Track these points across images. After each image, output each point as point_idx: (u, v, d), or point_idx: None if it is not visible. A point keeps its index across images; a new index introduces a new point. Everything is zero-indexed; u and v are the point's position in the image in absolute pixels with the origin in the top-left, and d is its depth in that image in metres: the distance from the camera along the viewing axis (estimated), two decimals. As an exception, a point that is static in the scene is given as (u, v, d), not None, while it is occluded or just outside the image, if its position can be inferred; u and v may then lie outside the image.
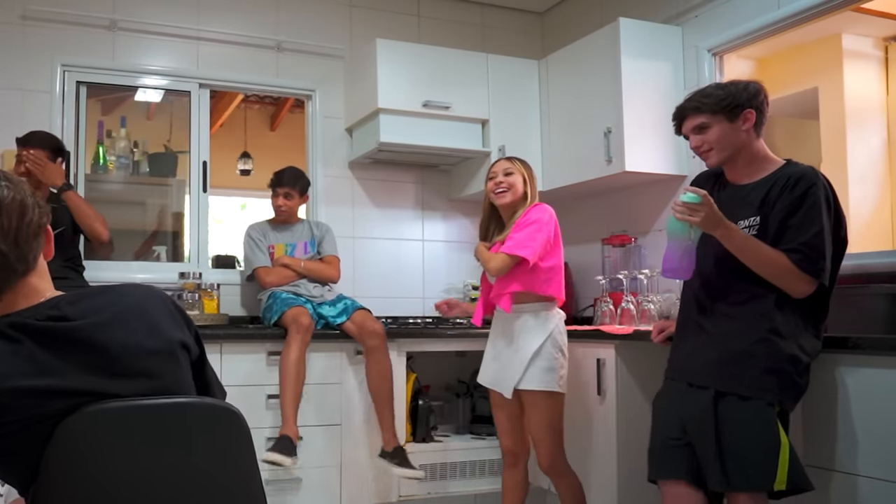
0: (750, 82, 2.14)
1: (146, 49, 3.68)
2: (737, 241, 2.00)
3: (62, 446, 1.11)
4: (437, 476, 3.36)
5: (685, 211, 2.00)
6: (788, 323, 2.00)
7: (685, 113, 2.18)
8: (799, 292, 1.99)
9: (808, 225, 1.96)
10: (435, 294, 4.13)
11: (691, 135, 2.18)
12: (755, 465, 1.94)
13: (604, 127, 3.39)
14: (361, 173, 4.05)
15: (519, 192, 2.72)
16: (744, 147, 2.12)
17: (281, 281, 3.41)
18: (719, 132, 2.11)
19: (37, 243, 1.22)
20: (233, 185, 6.26)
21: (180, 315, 1.34)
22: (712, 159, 2.15)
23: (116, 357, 1.17)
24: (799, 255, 1.95)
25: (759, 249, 1.99)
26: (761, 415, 1.95)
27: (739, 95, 2.09)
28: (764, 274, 1.99)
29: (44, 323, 1.15)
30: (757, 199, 2.06)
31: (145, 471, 1.16)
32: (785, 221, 1.99)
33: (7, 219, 1.17)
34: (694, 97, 2.17)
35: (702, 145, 2.15)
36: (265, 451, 2.86)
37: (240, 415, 1.25)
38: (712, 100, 2.11)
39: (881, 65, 4.00)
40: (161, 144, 4.05)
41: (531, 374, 2.63)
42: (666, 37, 3.47)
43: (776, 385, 1.97)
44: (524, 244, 2.60)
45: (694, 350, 2.13)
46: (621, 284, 3.39)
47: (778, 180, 2.05)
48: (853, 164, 3.91)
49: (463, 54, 3.83)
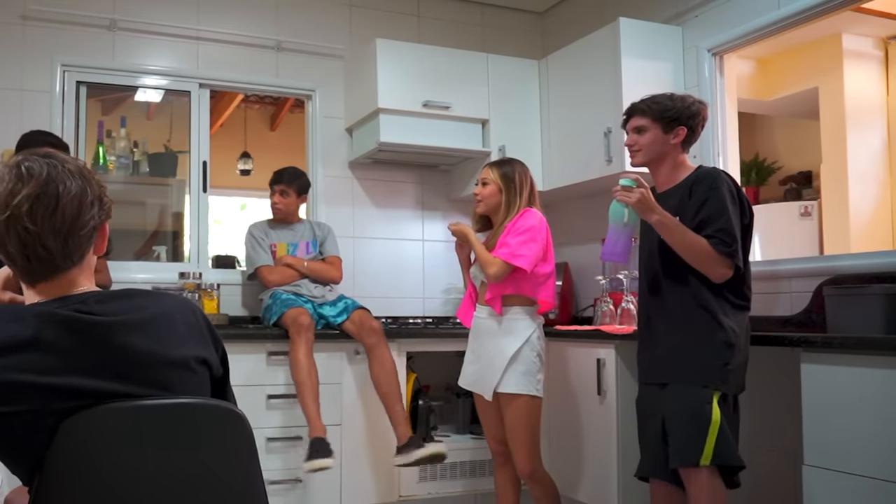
0: (695, 102, 2.38)
1: (146, 49, 3.68)
2: (669, 225, 2.22)
3: (67, 442, 1.11)
4: (437, 476, 3.36)
5: (623, 192, 2.25)
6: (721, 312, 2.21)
7: (634, 111, 2.41)
8: (718, 275, 2.20)
9: (717, 215, 2.20)
10: (435, 294, 4.14)
11: (630, 132, 2.42)
12: (686, 441, 2.18)
13: (604, 127, 3.39)
14: (361, 173, 4.05)
15: (491, 203, 2.78)
16: (667, 156, 2.37)
17: (283, 280, 3.41)
18: (652, 138, 2.36)
19: (87, 243, 1.22)
20: (233, 185, 6.26)
21: (209, 332, 1.33)
22: (636, 159, 2.41)
23: (130, 361, 1.17)
24: (715, 240, 2.18)
25: (686, 234, 2.21)
26: (696, 397, 2.19)
27: (681, 112, 2.33)
28: (690, 259, 2.21)
29: (67, 313, 1.15)
30: (674, 202, 2.30)
31: (148, 470, 1.16)
32: (697, 215, 2.23)
33: (61, 217, 1.17)
34: (646, 100, 2.39)
35: (633, 145, 2.40)
36: (304, 462, 2.88)
37: (243, 416, 1.25)
38: (658, 108, 2.35)
39: (881, 65, 4.01)
40: (161, 144, 4.05)
41: (509, 378, 2.66)
42: (666, 37, 3.47)
43: (712, 371, 2.19)
44: (520, 252, 2.63)
45: (647, 350, 2.41)
46: (621, 284, 3.40)
47: (688, 183, 2.31)
48: (853, 164, 3.91)
49: (463, 54, 3.83)
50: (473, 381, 2.81)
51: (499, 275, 2.66)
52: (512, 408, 2.68)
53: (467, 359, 2.85)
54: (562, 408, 3.19)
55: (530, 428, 2.69)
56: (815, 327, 2.67)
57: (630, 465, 2.81)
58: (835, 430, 2.11)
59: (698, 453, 2.14)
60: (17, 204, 1.15)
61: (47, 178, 1.17)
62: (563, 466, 3.15)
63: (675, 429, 2.22)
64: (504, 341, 2.69)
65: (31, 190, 1.16)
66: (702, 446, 2.14)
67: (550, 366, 3.03)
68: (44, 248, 1.17)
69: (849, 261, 2.80)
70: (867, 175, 3.92)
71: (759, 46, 3.41)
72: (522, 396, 2.66)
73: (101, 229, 1.25)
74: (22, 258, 1.18)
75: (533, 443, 2.70)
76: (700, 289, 2.23)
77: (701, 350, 2.21)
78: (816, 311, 2.69)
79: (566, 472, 3.12)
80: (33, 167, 1.18)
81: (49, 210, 1.16)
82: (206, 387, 1.28)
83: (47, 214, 1.16)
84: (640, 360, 2.47)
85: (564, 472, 3.11)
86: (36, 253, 1.17)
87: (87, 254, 1.23)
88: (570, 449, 3.14)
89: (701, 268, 2.21)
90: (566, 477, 3.10)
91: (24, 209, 1.15)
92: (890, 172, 3.97)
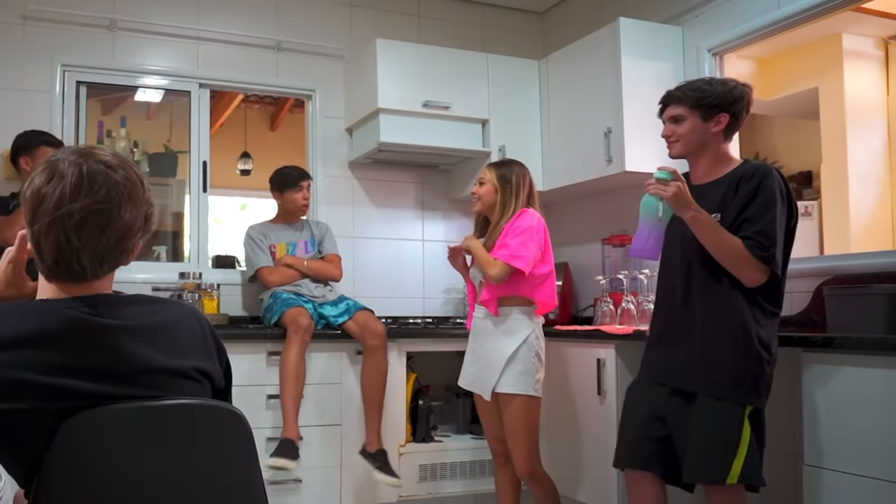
0: (737, 86, 2.20)
1: (146, 49, 3.68)
2: (704, 223, 2.08)
3: (66, 443, 1.11)
4: (437, 476, 3.36)
5: (658, 185, 2.10)
6: (753, 320, 2.09)
7: (669, 100, 2.27)
8: (751, 280, 2.07)
9: (761, 215, 2.06)
10: (435, 294, 4.14)
11: (667, 122, 2.27)
12: (713, 460, 2.05)
13: (604, 127, 3.39)
14: (361, 173, 4.05)
15: (488, 202, 2.77)
16: (708, 147, 2.22)
17: (284, 280, 3.41)
18: (690, 127, 2.20)
19: (120, 264, 1.21)
20: (233, 185, 6.26)
21: (214, 343, 1.32)
22: (674, 150, 2.27)
23: (131, 367, 1.16)
24: (752, 242, 2.04)
25: (722, 233, 2.07)
26: (729, 414, 2.06)
27: (721, 97, 2.17)
28: (723, 259, 2.08)
29: (74, 314, 1.14)
30: (717, 197, 2.15)
31: (148, 471, 1.16)
32: (741, 213, 2.09)
33: (106, 240, 1.15)
34: (683, 86, 2.25)
35: (671, 135, 2.25)
36: (268, 457, 2.87)
37: (242, 417, 1.24)
38: (696, 94, 2.19)
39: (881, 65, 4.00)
40: (161, 144, 4.05)
41: (507, 377, 2.66)
42: (666, 37, 3.47)
43: (746, 386, 2.07)
44: (518, 254, 2.63)
45: (670, 351, 2.23)
46: (621, 284, 3.39)
47: (735, 177, 2.15)
48: (853, 164, 3.91)
49: (463, 54, 3.83)
50: (472, 381, 2.81)
51: (500, 276, 2.65)
52: (510, 408, 2.68)
53: (467, 359, 2.86)
54: (562, 408, 3.19)
55: (529, 428, 2.69)
56: (815, 327, 2.68)
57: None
58: (835, 430, 2.11)
59: (725, 472, 2.03)
60: (69, 213, 1.12)
61: (106, 195, 1.13)
62: (563, 466, 3.15)
63: (699, 444, 2.09)
64: (502, 341, 2.70)
65: (86, 204, 1.12)
66: (728, 466, 2.03)
67: (550, 366, 3.03)
68: (78, 263, 1.15)
69: (849, 261, 2.80)
70: (867, 175, 3.92)
71: (759, 46, 3.41)
72: (520, 396, 2.66)
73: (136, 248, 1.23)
74: (52, 261, 1.16)
75: (532, 443, 2.70)
76: (733, 292, 2.10)
77: (734, 363, 2.07)
78: (816, 311, 2.69)
79: (566, 472, 3.12)
80: (97, 177, 1.14)
81: (97, 231, 1.13)
82: (207, 397, 1.28)
83: (94, 235, 1.13)
84: (651, 357, 2.33)
85: (564, 472, 3.11)
86: (68, 264, 1.15)
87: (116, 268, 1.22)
88: (569, 449, 3.14)
89: (733, 270, 2.08)
90: (566, 477, 3.09)
91: (74, 219, 1.12)
92: (890, 172, 3.97)
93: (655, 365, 2.29)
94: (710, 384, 2.09)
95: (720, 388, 2.08)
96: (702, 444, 2.08)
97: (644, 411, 2.26)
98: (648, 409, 2.25)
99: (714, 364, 2.10)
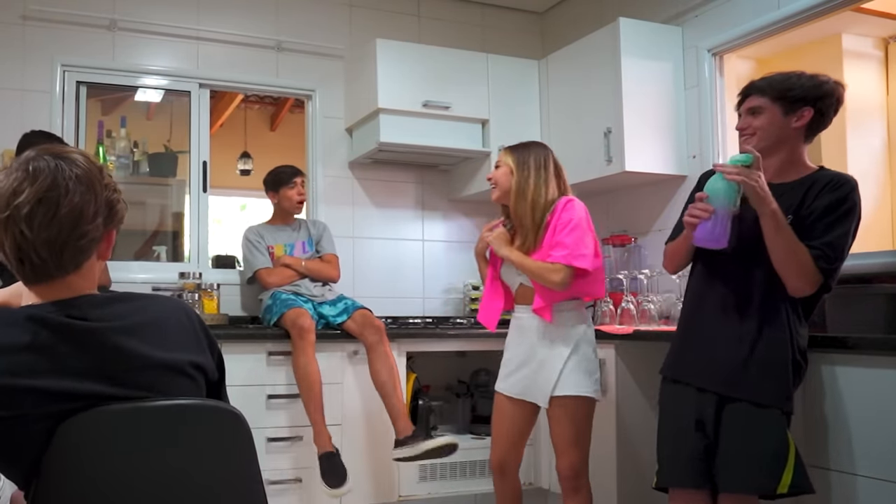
0: (828, 81, 2.03)
1: (146, 49, 3.68)
2: (781, 223, 1.92)
3: (64, 446, 1.11)
4: (437, 476, 3.36)
5: (741, 171, 1.89)
6: (794, 328, 2.00)
7: (750, 90, 2.09)
8: (798, 289, 1.96)
9: (838, 226, 1.94)
10: (435, 294, 4.14)
11: (743, 114, 2.10)
12: (763, 469, 1.94)
13: (604, 127, 3.39)
14: (361, 173, 4.05)
15: (505, 186, 2.52)
16: (785, 144, 2.04)
17: (283, 281, 3.41)
18: (768, 120, 2.03)
19: (86, 253, 1.19)
20: (233, 185, 6.26)
21: (205, 337, 1.31)
22: (748, 144, 2.05)
23: (123, 365, 1.16)
24: (818, 252, 1.92)
25: (792, 237, 1.93)
26: (775, 422, 1.96)
27: (808, 90, 2.00)
28: (783, 262, 1.94)
29: (60, 319, 1.13)
30: (792, 200, 2.00)
31: (147, 472, 1.16)
32: (820, 219, 1.96)
33: (57, 227, 1.14)
34: (767, 77, 2.07)
35: (746, 128, 2.07)
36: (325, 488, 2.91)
37: (241, 416, 1.24)
38: (780, 85, 2.02)
39: (881, 65, 4.00)
40: (161, 144, 4.05)
41: (568, 379, 2.42)
42: (666, 37, 3.47)
43: (788, 394, 1.98)
44: (579, 252, 2.37)
45: (705, 352, 2.08)
46: (621, 284, 3.40)
47: (817, 182, 2.00)
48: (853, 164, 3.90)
49: (463, 54, 3.83)
50: (524, 389, 2.50)
51: (566, 281, 2.37)
52: (566, 412, 2.41)
53: (510, 364, 2.56)
54: (562, 408, 3.18)
55: (583, 433, 2.44)
56: (815, 327, 2.67)
57: (630, 466, 2.82)
58: (835, 430, 2.11)
59: (775, 482, 1.92)
60: (18, 205, 1.12)
61: (51, 183, 1.14)
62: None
63: (745, 452, 1.96)
64: (559, 342, 2.44)
65: (33, 194, 1.13)
66: (780, 476, 1.92)
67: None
68: (37, 255, 1.14)
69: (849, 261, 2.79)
70: (867, 175, 3.91)
71: (759, 46, 3.41)
72: (582, 398, 2.42)
73: (106, 237, 1.22)
74: (16, 260, 1.16)
75: (584, 451, 2.46)
76: (781, 298, 1.99)
77: (779, 371, 1.98)
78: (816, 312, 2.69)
79: (566, 472, 3.11)
80: (40, 168, 1.15)
81: (47, 218, 1.13)
82: (202, 392, 1.27)
83: (44, 223, 1.13)
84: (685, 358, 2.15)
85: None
86: (29, 258, 1.15)
87: (85, 262, 1.20)
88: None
89: (789, 275, 1.94)
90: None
91: (23, 212, 1.12)
92: (890, 172, 3.97)
93: (696, 367, 2.10)
94: (756, 390, 1.97)
95: (765, 396, 1.97)
96: (749, 452, 1.95)
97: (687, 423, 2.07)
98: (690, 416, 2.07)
99: (759, 370, 1.98)
